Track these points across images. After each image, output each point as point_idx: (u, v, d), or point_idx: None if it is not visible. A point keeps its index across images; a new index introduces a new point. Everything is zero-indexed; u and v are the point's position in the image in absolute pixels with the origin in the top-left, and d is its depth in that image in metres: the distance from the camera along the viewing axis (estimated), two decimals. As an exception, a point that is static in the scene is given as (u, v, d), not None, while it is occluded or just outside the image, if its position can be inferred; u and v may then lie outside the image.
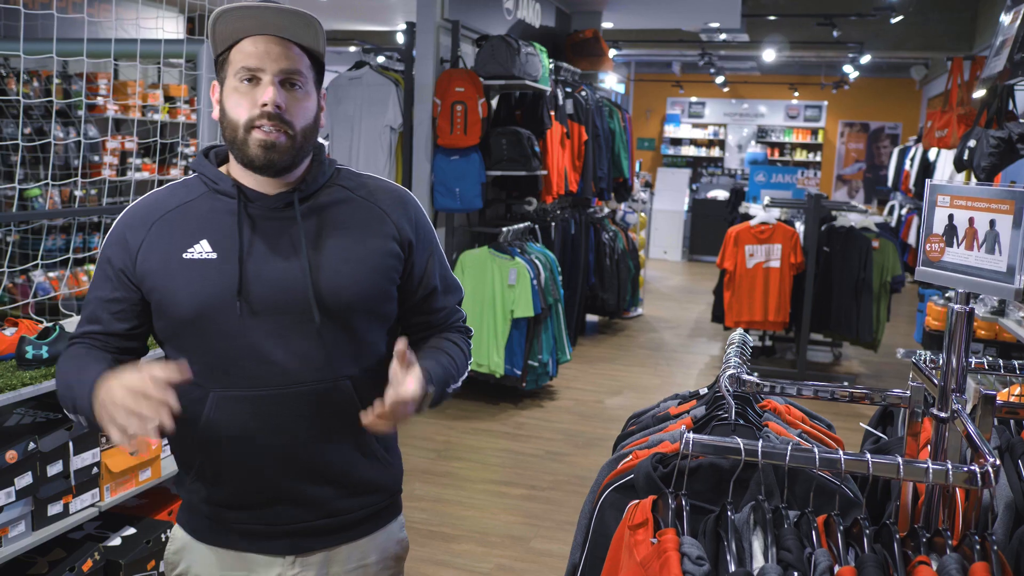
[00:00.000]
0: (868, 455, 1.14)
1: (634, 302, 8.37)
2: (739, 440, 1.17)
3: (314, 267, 1.43)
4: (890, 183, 12.36)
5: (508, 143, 5.54)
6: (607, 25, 8.91)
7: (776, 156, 16.65)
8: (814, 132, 16.67)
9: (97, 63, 5.43)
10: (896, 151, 12.17)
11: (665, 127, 17.42)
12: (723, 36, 10.57)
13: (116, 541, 2.63)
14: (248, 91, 1.40)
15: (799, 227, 6.45)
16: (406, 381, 1.35)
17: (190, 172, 1.55)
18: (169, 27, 4.26)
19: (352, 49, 9.83)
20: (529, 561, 3.56)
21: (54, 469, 2.38)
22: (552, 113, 6.18)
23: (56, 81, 5.79)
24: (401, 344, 1.36)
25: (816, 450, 1.15)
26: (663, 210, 13.15)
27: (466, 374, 1.61)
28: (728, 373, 1.56)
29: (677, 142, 17.42)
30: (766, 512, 1.19)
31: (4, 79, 5.70)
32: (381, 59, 6.15)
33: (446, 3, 5.57)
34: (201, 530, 1.53)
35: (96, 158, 6.03)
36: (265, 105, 1.38)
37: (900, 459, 1.12)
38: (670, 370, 6.79)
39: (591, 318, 8.18)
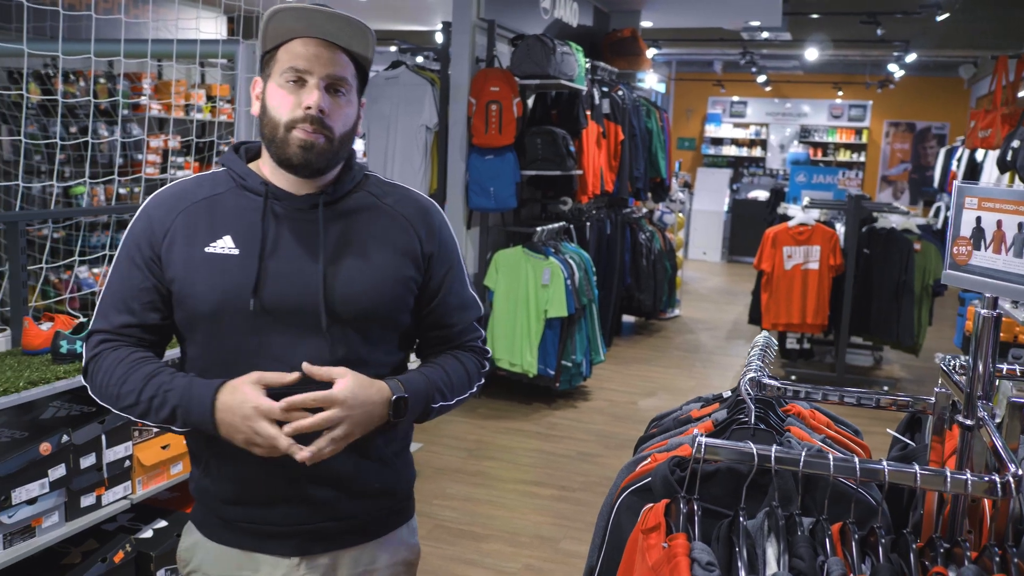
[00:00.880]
0: (884, 463, 1.11)
1: (671, 303, 8.31)
2: (752, 445, 1.15)
3: (329, 272, 1.43)
4: (936, 184, 12.11)
5: (543, 143, 5.53)
6: (646, 24, 8.85)
7: (819, 156, 16.41)
8: (858, 132, 16.40)
9: (141, 63, 5.54)
10: (943, 152, 11.92)
11: (706, 127, 17.26)
12: (765, 35, 10.44)
13: (148, 533, 2.68)
14: (293, 91, 1.41)
15: (839, 228, 6.36)
16: (336, 384, 1.36)
17: (218, 166, 1.55)
18: (210, 27, 4.33)
19: (392, 49, 9.89)
20: (558, 562, 3.55)
21: (87, 462, 2.43)
22: (588, 113, 6.16)
23: (101, 81, 5.91)
24: (305, 365, 1.37)
25: (831, 456, 1.13)
26: (703, 210, 13.04)
27: (467, 395, 1.58)
28: (748, 376, 1.53)
29: (718, 142, 17.25)
30: (779, 519, 1.17)
31: (51, 79, 5.83)
32: (420, 59, 6.17)
33: (482, 3, 5.57)
34: (210, 527, 1.53)
35: (139, 156, 6.14)
36: (309, 108, 1.39)
37: (917, 467, 1.10)
38: (706, 372, 6.73)
39: (627, 319, 8.13)
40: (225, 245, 1.43)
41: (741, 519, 1.17)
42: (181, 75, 5.82)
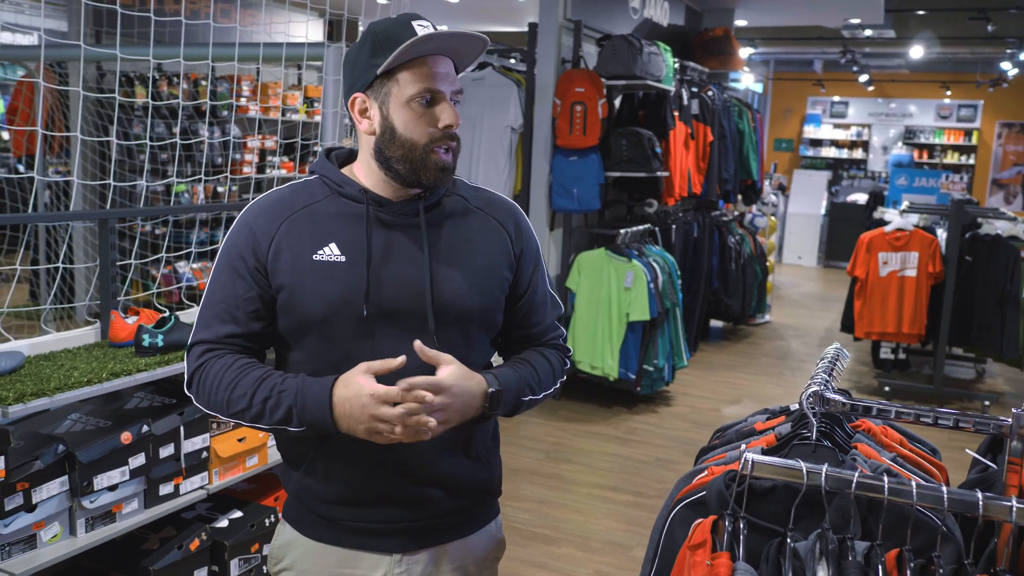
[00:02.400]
0: (944, 488, 1.04)
1: (760, 308, 8.10)
2: (802, 463, 1.10)
3: (435, 275, 1.46)
4: (1052, 188, 11.48)
5: (628, 144, 5.47)
6: (740, 23, 8.66)
7: (924, 158, 15.74)
8: (967, 133, 15.66)
9: (242, 67, 5.73)
10: (1060, 154, 11.29)
11: (804, 127, 16.78)
12: (867, 32, 10.10)
13: (223, 523, 2.76)
14: (425, 112, 1.44)
15: (940, 234, 6.08)
16: (441, 370, 1.38)
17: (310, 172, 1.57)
18: (310, 31, 4.45)
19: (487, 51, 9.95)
20: (628, 570, 3.50)
21: (166, 451, 2.51)
22: (676, 113, 6.06)
23: (203, 83, 6.13)
24: (417, 343, 1.38)
25: (886, 478, 1.07)
26: (799, 214, 12.67)
27: (551, 391, 1.60)
28: (811, 390, 1.47)
29: (817, 143, 16.75)
30: (830, 541, 1.11)
31: (156, 82, 6.08)
32: (512, 61, 6.19)
33: (569, 4, 5.55)
34: (308, 526, 1.55)
35: (238, 156, 6.35)
36: (449, 126, 1.44)
37: (980, 494, 1.03)
38: (795, 380, 6.54)
39: (714, 324, 7.97)
40: (332, 252, 1.46)
41: (789, 540, 1.12)
42: (277, 77, 5.98)
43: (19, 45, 6.23)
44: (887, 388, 6.06)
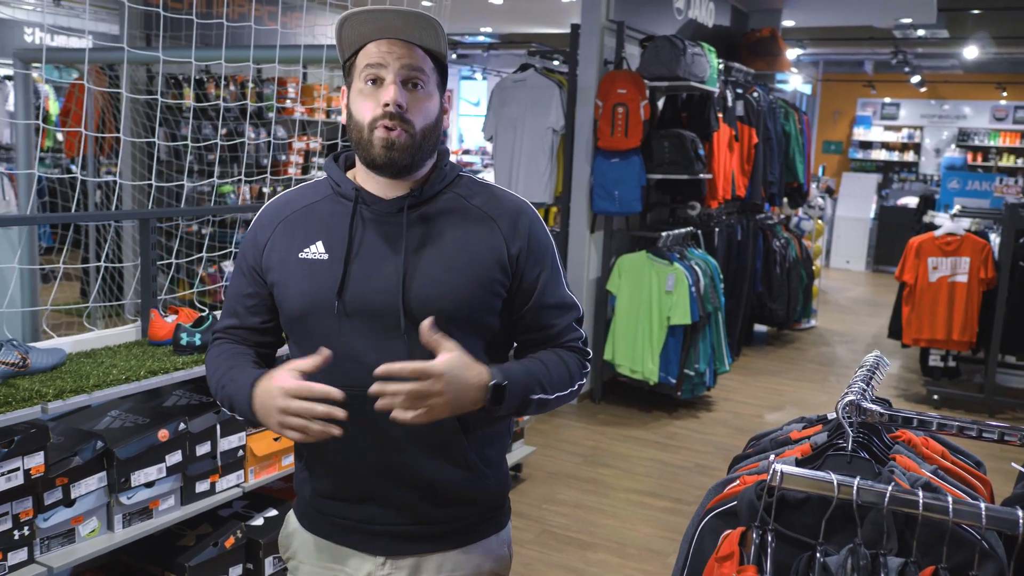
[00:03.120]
0: (983, 504, 1.00)
1: (806, 313, 7.96)
2: (832, 475, 1.06)
3: (409, 274, 1.43)
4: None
5: (670, 146, 5.42)
6: (788, 23, 8.53)
7: (978, 161, 15.35)
8: (1024, 135, 15.26)
9: (289, 69, 5.79)
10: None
11: (854, 129, 16.48)
12: (919, 32, 9.88)
13: (259, 521, 2.78)
14: (372, 92, 1.42)
15: (993, 239, 5.92)
16: (438, 356, 1.33)
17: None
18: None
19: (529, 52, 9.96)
20: (665, 577, 3.46)
21: (202, 449, 2.54)
22: (720, 115, 5.99)
23: (251, 85, 6.21)
24: (426, 322, 1.34)
25: (921, 493, 1.03)
26: (847, 217, 12.45)
27: (567, 392, 1.53)
28: (847, 399, 1.43)
29: (867, 145, 16.44)
30: (861, 557, 1.08)
31: (204, 84, 6.18)
32: (556, 62, 6.17)
33: (612, 4, 5.51)
34: (307, 518, 1.58)
35: (283, 157, 6.43)
36: (387, 104, 1.40)
37: (1021, 512, 0.98)
38: (840, 387, 6.41)
39: (758, 328, 7.85)
40: (317, 251, 1.48)
41: (818, 555, 1.08)
42: (323, 80, 6.03)
43: (72, 48, 6.37)
44: (936, 397, 5.91)
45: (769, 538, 1.11)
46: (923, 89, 14.99)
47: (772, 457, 1.31)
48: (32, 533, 2.14)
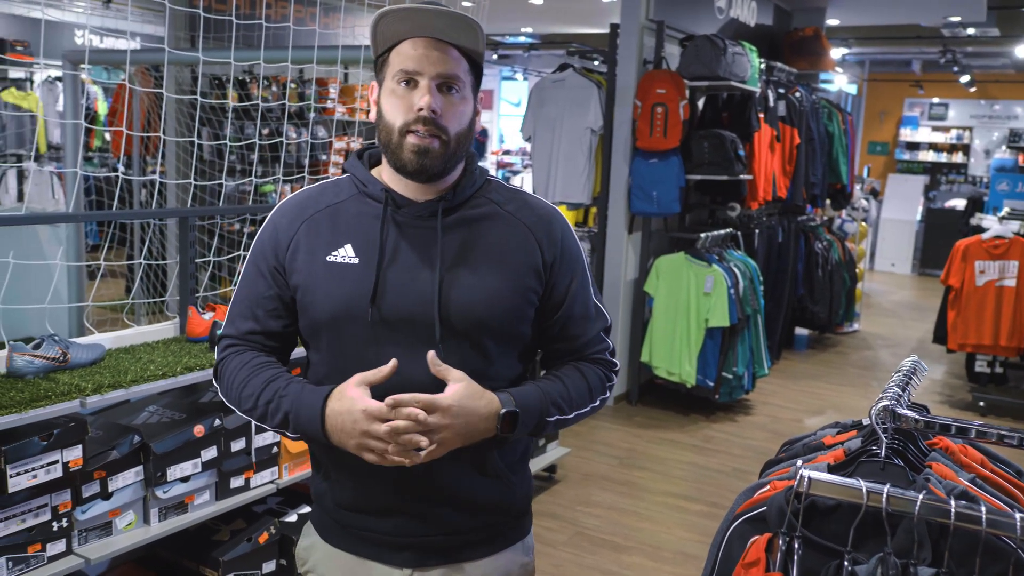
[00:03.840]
0: (1018, 514, 0.97)
1: (848, 316, 7.83)
2: (861, 482, 1.04)
3: (446, 281, 1.39)
4: None
5: (710, 146, 5.36)
6: (832, 22, 8.41)
7: (1030, 163, 14.98)
8: (1079, 136, 14.85)
9: (330, 69, 5.84)
10: None
11: (901, 130, 16.18)
12: (969, 31, 9.67)
13: (292, 517, 2.80)
14: (405, 94, 1.38)
15: (1043, 243, 5.77)
16: (447, 389, 1.31)
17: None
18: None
19: (568, 52, 9.95)
20: (699, 581, 3.42)
21: (237, 445, 2.57)
22: (761, 115, 5.92)
23: (292, 86, 6.28)
24: (431, 354, 1.33)
25: (953, 502, 1.00)
26: (892, 219, 12.23)
27: (589, 408, 1.51)
28: (881, 404, 1.39)
29: (914, 146, 16.13)
30: (891, 566, 1.05)
31: (247, 85, 6.26)
32: (596, 63, 6.14)
33: (652, 4, 5.47)
34: (327, 530, 1.54)
35: (323, 157, 6.48)
36: (421, 110, 1.36)
37: (1057, 523, 0.95)
38: (881, 392, 6.29)
39: (800, 332, 7.75)
40: (346, 254, 1.42)
41: (846, 564, 1.06)
42: (364, 80, 6.08)
43: (115, 50, 6.49)
44: (982, 403, 5.78)
45: (796, 545, 1.09)
46: (972, 89, 14.66)
47: (799, 463, 1.28)
48: (70, 525, 2.19)
